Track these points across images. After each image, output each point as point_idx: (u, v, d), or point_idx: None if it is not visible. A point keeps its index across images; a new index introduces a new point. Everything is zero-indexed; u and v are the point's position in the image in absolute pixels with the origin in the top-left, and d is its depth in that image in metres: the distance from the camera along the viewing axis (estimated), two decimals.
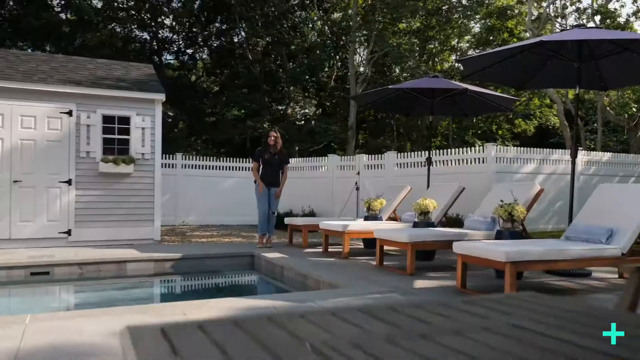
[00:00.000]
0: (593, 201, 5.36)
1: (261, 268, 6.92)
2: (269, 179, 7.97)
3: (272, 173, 7.99)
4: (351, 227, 6.71)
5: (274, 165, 8.00)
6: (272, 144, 7.94)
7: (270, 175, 7.98)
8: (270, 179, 7.98)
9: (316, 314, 1.21)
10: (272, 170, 7.98)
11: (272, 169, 7.98)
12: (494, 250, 4.25)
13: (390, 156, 12.76)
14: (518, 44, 5.36)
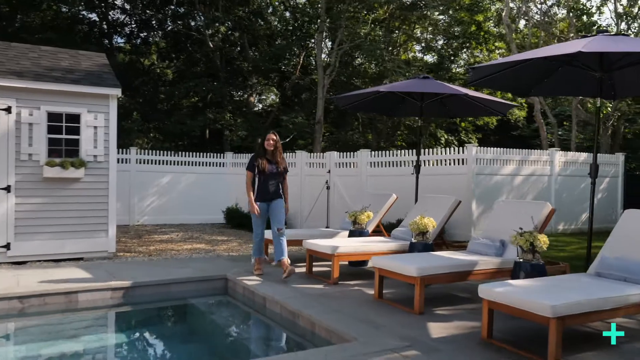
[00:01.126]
0: (622, 228, 4.76)
1: (237, 295, 6.04)
2: (268, 192, 6.33)
3: (272, 185, 6.34)
4: (342, 249, 5.92)
5: (274, 175, 6.35)
6: (271, 149, 6.32)
7: (270, 188, 6.34)
8: (271, 192, 6.34)
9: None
10: (271, 182, 6.34)
11: (272, 180, 6.34)
12: (538, 302, 3.55)
13: (363, 154, 12.04)
14: (542, 52, 4.66)
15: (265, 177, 6.30)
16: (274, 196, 6.36)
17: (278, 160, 6.38)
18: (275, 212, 6.35)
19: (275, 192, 6.36)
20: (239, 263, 7.25)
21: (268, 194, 6.32)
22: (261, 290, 5.58)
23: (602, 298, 3.72)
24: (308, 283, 5.97)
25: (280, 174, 6.42)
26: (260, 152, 6.43)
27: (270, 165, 6.32)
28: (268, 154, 6.37)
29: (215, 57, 17.92)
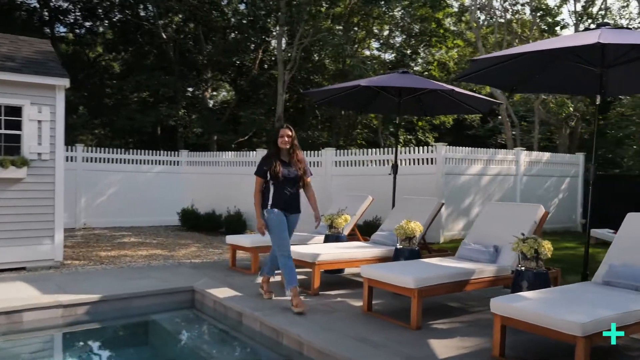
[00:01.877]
0: (627, 233, 4.49)
1: (206, 310, 5.43)
2: (285, 202, 5.00)
3: (289, 193, 5.03)
4: (323, 256, 5.42)
5: (292, 181, 5.03)
6: (287, 147, 5.00)
7: (288, 198, 5.02)
8: (288, 202, 5.03)
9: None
10: (289, 190, 5.02)
11: (289, 187, 5.02)
12: (565, 320, 3.18)
13: (328, 153, 11.60)
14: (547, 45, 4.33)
15: (280, 184, 4.94)
16: (291, 208, 5.06)
17: (296, 162, 5.06)
18: (292, 229, 5.18)
19: (292, 203, 5.07)
20: (204, 271, 6.62)
21: (285, 202, 5.01)
22: (236, 304, 5.01)
23: (630, 312, 3.40)
24: (284, 295, 5.43)
25: (299, 178, 5.06)
26: (273, 151, 5.03)
27: (286, 168, 4.96)
28: (282, 153, 5.03)
29: (169, 49, 16.99)
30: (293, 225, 5.18)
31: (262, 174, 5.02)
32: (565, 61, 5.17)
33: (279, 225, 4.95)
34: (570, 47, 4.13)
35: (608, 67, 4.85)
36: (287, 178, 4.99)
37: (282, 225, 4.94)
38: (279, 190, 4.98)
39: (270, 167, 4.95)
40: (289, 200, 5.04)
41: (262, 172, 5.02)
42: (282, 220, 4.94)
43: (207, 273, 6.48)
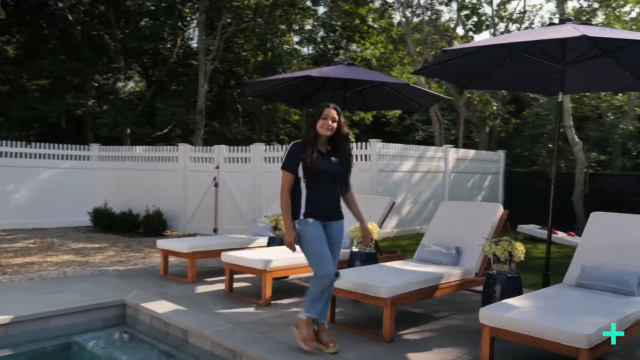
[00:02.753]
0: (592, 233, 4.42)
1: (142, 327, 4.73)
2: (324, 208, 3.70)
3: (329, 196, 3.73)
4: (276, 263, 4.91)
5: (334, 178, 3.71)
6: (328, 134, 3.63)
7: (327, 202, 3.72)
8: (328, 207, 3.72)
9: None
10: (328, 191, 3.72)
11: (330, 186, 3.72)
12: (568, 332, 2.93)
13: (257, 149, 11.06)
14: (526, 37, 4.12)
15: (318, 182, 3.63)
16: (332, 213, 3.73)
17: (342, 153, 3.72)
18: (333, 245, 3.72)
19: (334, 206, 3.75)
20: (133, 281, 5.85)
21: (324, 210, 3.69)
22: (179, 319, 4.37)
23: (626, 317, 3.24)
24: (233, 306, 4.87)
25: (343, 174, 3.75)
26: (310, 137, 3.65)
27: (327, 160, 3.65)
28: (321, 142, 3.66)
29: (75, 32, 15.46)
30: (338, 237, 3.79)
31: (292, 168, 3.63)
32: (525, 57, 5.02)
33: (316, 240, 3.60)
34: (554, 39, 3.94)
35: (569, 63, 4.76)
36: (327, 173, 3.62)
37: (320, 239, 3.61)
38: (315, 192, 3.64)
39: (306, 159, 3.57)
40: (329, 205, 3.71)
41: (293, 165, 3.63)
42: (319, 233, 3.62)
43: (137, 283, 5.73)
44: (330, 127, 3.60)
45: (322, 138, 3.66)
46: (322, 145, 3.69)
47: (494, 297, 4.15)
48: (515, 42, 4.15)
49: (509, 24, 15.36)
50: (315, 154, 3.58)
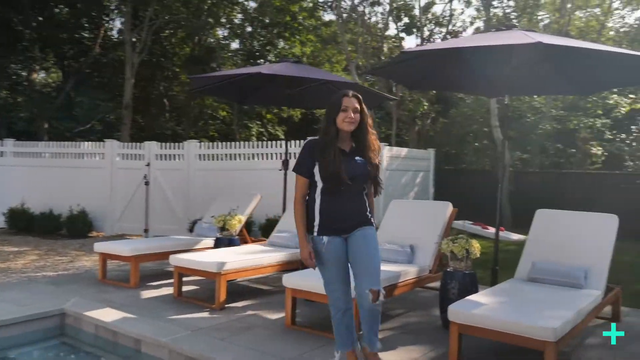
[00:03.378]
0: (539, 230, 4.63)
1: (85, 338, 4.40)
2: (344, 216, 3.11)
3: (352, 202, 3.13)
4: (230, 265, 4.74)
5: (358, 182, 3.11)
6: (351, 128, 3.09)
7: (349, 209, 3.12)
8: (348, 215, 3.12)
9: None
10: (350, 197, 3.11)
11: (353, 193, 3.11)
12: (536, 326, 3.04)
13: (191, 146, 10.72)
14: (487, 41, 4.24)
15: (338, 188, 3.03)
16: (355, 222, 3.11)
17: (368, 152, 3.11)
18: (361, 253, 3.08)
19: (358, 214, 3.12)
20: (68, 287, 5.45)
21: (344, 220, 3.09)
22: (130, 328, 4.11)
23: (581, 310, 3.42)
24: (185, 311, 4.65)
25: (372, 175, 3.14)
26: (329, 135, 3.04)
27: (352, 161, 3.06)
28: (342, 138, 3.10)
29: None
30: (367, 243, 3.08)
31: (306, 171, 3.07)
32: (473, 61, 5.17)
33: (329, 263, 3.08)
34: (507, 44, 4.08)
35: (514, 68, 4.95)
36: (352, 177, 3.01)
37: (334, 262, 3.07)
38: (333, 200, 3.04)
39: (324, 160, 2.98)
40: (351, 215, 3.09)
41: (308, 167, 3.06)
42: (334, 255, 3.06)
43: (74, 290, 5.34)
44: (353, 120, 3.02)
45: (343, 134, 3.07)
46: (345, 142, 3.09)
47: (452, 294, 4.23)
48: (470, 46, 4.25)
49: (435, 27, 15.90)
50: (337, 156, 2.97)
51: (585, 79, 5.22)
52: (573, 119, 14.20)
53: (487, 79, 5.38)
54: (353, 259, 3.10)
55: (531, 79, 5.28)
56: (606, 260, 4.16)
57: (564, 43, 3.97)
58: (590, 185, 11.79)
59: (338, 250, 3.09)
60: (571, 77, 5.19)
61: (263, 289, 5.66)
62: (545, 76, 5.36)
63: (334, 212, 3.07)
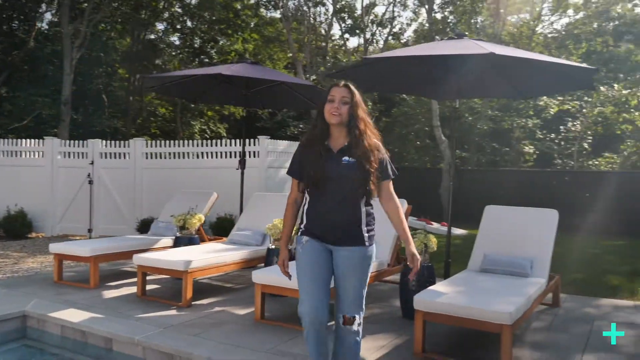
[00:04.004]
0: (488, 224, 5.01)
1: (49, 339, 4.34)
2: (325, 222, 2.76)
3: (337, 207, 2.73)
4: (196, 263, 4.80)
5: (339, 183, 2.70)
6: (339, 120, 2.70)
7: (332, 215, 2.74)
8: (330, 222, 2.75)
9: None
10: (336, 200, 2.72)
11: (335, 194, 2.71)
12: (493, 311, 3.35)
13: (138, 144, 10.55)
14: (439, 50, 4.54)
15: (322, 190, 2.72)
16: (339, 234, 2.74)
17: (361, 150, 2.70)
18: (342, 280, 2.79)
19: (343, 224, 2.74)
20: (23, 290, 5.31)
21: (326, 230, 2.76)
22: (100, 328, 4.11)
23: (530, 296, 3.78)
24: (152, 309, 4.68)
25: (358, 179, 2.68)
26: (316, 129, 2.79)
27: (335, 161, 2.71)
28: (335, 134, 2.77)
29: None
30: (351, 264, 2.75)
31: (294, 172, 2.85)
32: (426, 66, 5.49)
33: (304, 266, 2.78)
34: (462, 54, 4.40)
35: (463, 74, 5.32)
36: (334, 177, 2.69)
37: (309, 265, 2.76)
38: (316, 203, 2.76)
39: (304, 159, 2.77)
40: (333, 223, 2.73)
41: (295, 169, 2.85)
42: (311, 257, 2.76)
43: (30, 292, 5.22)
44: (337, 111, 2.67)
45: (335, 130, 2.74)
46: (337, 139, 2.76)
47: (412, 286, 4.52)
48: (428, 54, 4.54)
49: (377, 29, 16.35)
50: (318, 153, 2.70)
51: (527, 85, 5.66)
52: (507, 119, 15.05)
53: (439, 83, 5.72)
54: (335, 281, 2.82)
55: (478, 84, 5.66)
56: (549, 251, 4.58)
57: (511, 54, 4.33)
58: (524, 182, 12.59)
59: (316, 255, 2.75)
60: (514, 82, 5.61)
61: (225, 286, 5.75)
62: (491, 81, 5.77)
63: (315, 217, 2.77)
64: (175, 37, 21.36)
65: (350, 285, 2.78)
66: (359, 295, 2.80)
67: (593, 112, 14.72)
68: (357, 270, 2.78)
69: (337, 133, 2.76)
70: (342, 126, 2.73)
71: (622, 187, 11.28)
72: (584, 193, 11.75)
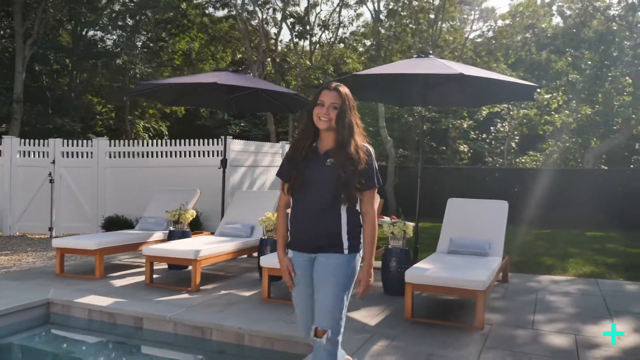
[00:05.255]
0: (451, 214, 5.95)
1: (76, 323, 4.80)
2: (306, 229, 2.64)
3: (318, 213, 2.60)
4: (203, 252, 5.41)
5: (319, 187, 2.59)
6: (327, 125, 2.58)
7: (313, 221, 2.61)
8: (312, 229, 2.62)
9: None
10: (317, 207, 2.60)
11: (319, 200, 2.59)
12: (471, 280, 4.25)
13: (101, 143, 10.80)
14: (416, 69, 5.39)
15: (303, 194, 2.63)
16: (321, 241, 2.62)
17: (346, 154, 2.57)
18: (318, 282, 2.63)
19: (323, 231, 2.62)
20: (33, 282, 5.68)
21: (304, 236, 2.66)
22: (130, 309, 4.64)
23: (494, 270, 4.72)
24: (165, 295, 5.23)
25: (338, 183, 2.56)
26: (304, 132, 2.69)
27: (318, 163, 2.62)
28: (324, 137, 2.66)
29: None
30: (320, 277, 2.62)
31: (282, 173, 2.72)
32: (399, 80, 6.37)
33: (296, 281, 2.71)
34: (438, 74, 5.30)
35: (429, 87, 6.25)
36: (317, 181, 2.60)
37: (300, 282, 2.70)
38: (298, 209, 2.66)
39: (295, 162, 2.64)
40: (316, 230, 2.62)
41: (283, 170, 2.73)
42: (299, 271, 2.69)
43: (40, 283, 5.61)
44: (328, 118, 2.57)
45: (324, 132, 2.63)
46: (325, 141, 2.65)
47: (392, 267, 5.36)
48: (407, 73, 5.40)
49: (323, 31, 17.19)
50: (301, 155, 2.61)
51: (480, 96, 6.67)
52: (444, 120, 16.35)
53: (409, 94, 6.64)
54: (316, 285, 2.65)
55: (441, 94, 6.61)
56: (502, 235, 5.57)
57: (475, 74, 5.26)
58: (461, 178, 13.86)
59: (301, 269, 2.68)
60: (470, 94, 6.60)
61: (220, 274, 6.36)
62: (451, 92, 6.73)
63: (296, 223, 2.67)
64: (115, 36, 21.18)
65: (323, 294, 2.58)
66: (332, 306, 2.55)
67: (519, 114, 16.33)
68: (331, 278, 2.57)
69: (325, 135, 2.64)
70: (330, 130, 2.60)
71: (546, 182, 12.74)
72: (513, 187, 13.14)
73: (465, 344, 3.89)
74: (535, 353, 3.70)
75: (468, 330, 4.23)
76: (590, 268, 6.95)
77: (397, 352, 3.69)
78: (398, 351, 3.71)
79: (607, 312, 4.78)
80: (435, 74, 5.27)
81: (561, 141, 16.10)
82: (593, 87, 14.07)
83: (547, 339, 4.00)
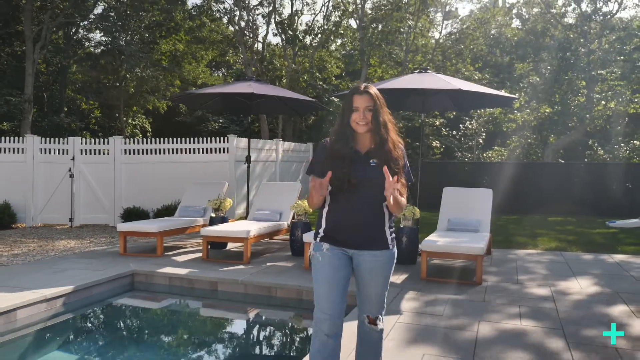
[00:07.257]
0: (447, 199, 7.37)
1: (158, 289, 5.99)
2: (348, 226, 2.69)
3: (361, 212, 2.67)
4: (252, 232, 6.65)
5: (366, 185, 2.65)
6: (366, 129, 2.64)
7: (356, 219, 2.68)
8: (353, 227, 2.69)
9: None
10: (361, 204, 2.67)
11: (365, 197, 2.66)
12: (472, 247, 5.66)
13: (117, 141, 11.79)
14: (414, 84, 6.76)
15: (348, 192, 2.67)
16: (362, 239, 2.70)
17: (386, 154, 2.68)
18: (365, 284, 2.76)
19: (368, 228, 2.70)
20: (105, 260, 6.79)
21: (348, 233, 2.70)
22: (207, 275, 5.85)
23: (486, 241, 6.16)
24: (225, 266, 6.45)
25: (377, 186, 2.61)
26: (341, 135, 2.70)
27: (362, 165, 2.67)
28: (360, 138, 2.72)
29: None
30: (370, 274, 2.72)
31: (319, 172, 2.69)
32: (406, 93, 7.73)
33: (324, 275, 2.68)
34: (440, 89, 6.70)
35: (428, 95, 7.65)
36: (361, 182, 2.64)
37: (329, 275, 2.67)
38: (340, 206, 2.71)
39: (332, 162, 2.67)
40: (356, 228, 2.69)
41: (316, 169, 2.74)
42: (331, 266, 2.68)
43: (113, 260, 6.73)
44: (366, 121, 2.63)
45: (357, 135, 2.70)
46: (363, 142, 2.72)
47: (404, 242, 6.73)
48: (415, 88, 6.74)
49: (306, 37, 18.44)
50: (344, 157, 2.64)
51: (466, 103, 8.12)
52: (417, 118, 17.86)
53: (411, 101, 8.02)
54: (357, 285, 2.80)
55: (435, 101, 8.03)
56: (488, 215, 7.01)
57: (469, 88, 6.66)
58: (433, 171, 15.35)
59: (336, 265, 2.68)
60: (458, 101, 8.03)
61: (254, 252, 7.59)
62: (443, 100, 8.14)
63: (338, 221, 2.71)
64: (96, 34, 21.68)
65: (374, 288, 2.74)
66: (383, 296, 2.79)
67: (485, 113, 17.99)
68: (381, 274, 2.72)
69: (362, 136, 2.70)
70: (367, 131, 2.66)
71: (511, 174, 14.36)
72: (482, 179, 14.73)
73: (473, 292, 5.30)
74: (525, 297, 5.14)
75: (472, 285, 5.65)
76: (555, 244, 8.50)
77: (426, 296, 5.07)
78: (427, 295, 5.10)
79: (572, 273, 6.29)
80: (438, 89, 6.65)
81: (523, 137, 17.84)
82: (552, 89, 15.81)
83: (531, 290, 5.46)
